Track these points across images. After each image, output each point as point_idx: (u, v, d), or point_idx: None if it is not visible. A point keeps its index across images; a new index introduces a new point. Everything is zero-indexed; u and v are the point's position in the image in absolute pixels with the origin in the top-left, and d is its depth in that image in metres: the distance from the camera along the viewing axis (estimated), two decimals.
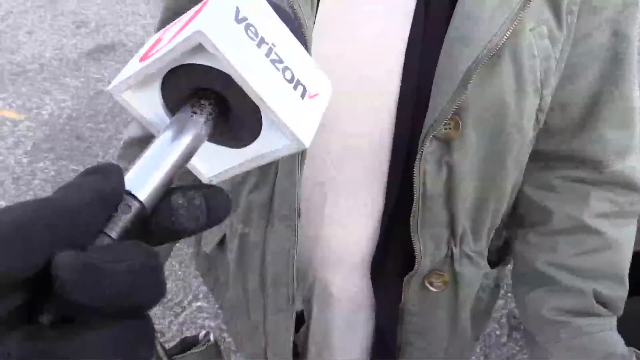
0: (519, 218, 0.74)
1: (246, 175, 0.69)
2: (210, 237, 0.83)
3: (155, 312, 1.91)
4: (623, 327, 0.69)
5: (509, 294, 2.15)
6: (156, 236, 0.25)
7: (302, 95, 0.30)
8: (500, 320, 2.07)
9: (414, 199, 0.63)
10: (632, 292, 0.70)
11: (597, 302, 0.66)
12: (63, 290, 0.20)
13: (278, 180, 0.66)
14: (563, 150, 0.68)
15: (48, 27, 4.07)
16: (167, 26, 0.32)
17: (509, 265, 0.81)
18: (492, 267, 0.75)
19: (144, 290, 0.22)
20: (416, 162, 0.60)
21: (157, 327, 1.90)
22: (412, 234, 0.65)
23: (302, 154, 0.63)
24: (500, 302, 2.13)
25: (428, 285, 0.71)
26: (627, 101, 0.64)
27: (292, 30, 0.31)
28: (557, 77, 0.61)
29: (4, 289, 0.20)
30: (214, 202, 0.26)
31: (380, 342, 0.81)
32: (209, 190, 0.26)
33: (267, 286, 0.74)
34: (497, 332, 2.03)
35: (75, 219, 0.22)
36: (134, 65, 0.30)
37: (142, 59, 0.29)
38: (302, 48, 0.32)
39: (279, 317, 0.76)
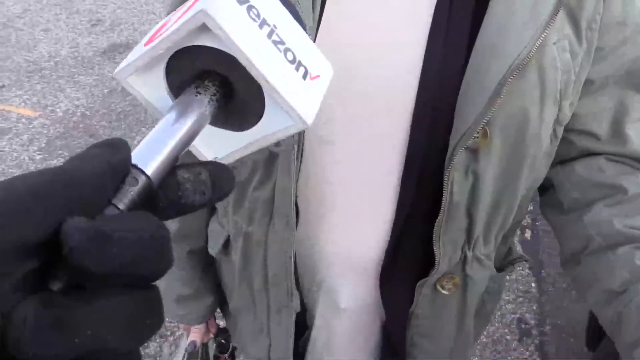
0: (572, 202, 0.71)
1: (251, 172, 0.69)
2: (215, 240, 0.83)
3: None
4: None
5: (519, 299, 2.14)
6: (164, 211, 0.26)
7: (304, 76, 0.30)
8: (510, 325, 2.05)
9: (442, 207, 0.63)
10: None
11: None
12: (71, 256, 0.20)
13: (278, 177, 0.66)
14: (605, 150, 0.68)
15: (64, 25, 4.12)
16: (171, 14, 0.33)
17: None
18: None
19: (151, 260, 0.22)
20: (446, 172, 0.61)
21: (174, 331, 1.90)
22: (434, 240, 0.66)
23: (300, 152, 0.63)
24: (510, 306, 2.12)
25: (440, 288, 0.71)
26: None
27: (292, 14, 0.32)
28: (577, 89, 0.63)
29: (17, 253, 0.20)
30: (219, 176, 0.27)
31: (387, 344, 0.81)
32: (214, 166, 0.28)
33: (270, 285, 0.75)
34: (508, 337, 2.02)
35: (86, 187, 0.22)
36: (139, 49, 0.30)
37: (147, 43, 0.29)
38: (302, 31, 0.32)
39: (281, 316, 0.77)
